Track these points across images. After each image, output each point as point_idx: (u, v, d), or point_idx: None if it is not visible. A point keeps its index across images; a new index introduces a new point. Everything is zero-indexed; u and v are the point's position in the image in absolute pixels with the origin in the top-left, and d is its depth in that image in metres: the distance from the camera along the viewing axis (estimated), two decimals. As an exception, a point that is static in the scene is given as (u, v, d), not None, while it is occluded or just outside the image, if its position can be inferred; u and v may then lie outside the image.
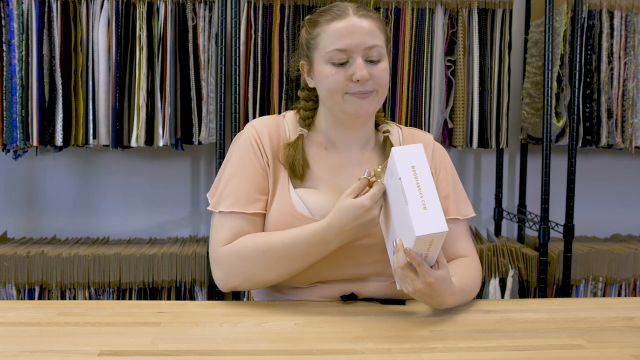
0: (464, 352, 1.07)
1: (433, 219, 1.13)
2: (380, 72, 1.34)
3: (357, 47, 1.32)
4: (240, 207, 1.35)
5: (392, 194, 1.21)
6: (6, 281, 2.36)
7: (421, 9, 2.51)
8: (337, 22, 1.33)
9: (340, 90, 1.33)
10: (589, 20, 2.57)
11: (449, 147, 2.62)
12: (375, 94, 1.35)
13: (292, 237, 1.29)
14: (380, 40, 1.35)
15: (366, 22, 1.33)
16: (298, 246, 1.28)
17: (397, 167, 1.18)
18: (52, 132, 2.36)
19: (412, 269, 1.17)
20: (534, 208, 2.88)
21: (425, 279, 1.16)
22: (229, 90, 2.38)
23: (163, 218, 2.79)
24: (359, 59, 1.32)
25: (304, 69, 1.43)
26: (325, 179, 1.40)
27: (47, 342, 1.08)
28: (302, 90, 1.47)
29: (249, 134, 1.40)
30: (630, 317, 1.28)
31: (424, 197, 1.15)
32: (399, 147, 1.21)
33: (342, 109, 1.36)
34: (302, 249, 1.28)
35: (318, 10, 1.40)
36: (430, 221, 1.13)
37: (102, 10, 2.38)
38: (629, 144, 2.61)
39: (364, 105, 1.34)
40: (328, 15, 1.35)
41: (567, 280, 2.51)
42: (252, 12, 2.44)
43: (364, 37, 1.32)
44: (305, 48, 1.40)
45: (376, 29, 1.35)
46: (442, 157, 1.48)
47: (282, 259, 1.29)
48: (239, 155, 1.39)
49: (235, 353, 1.05)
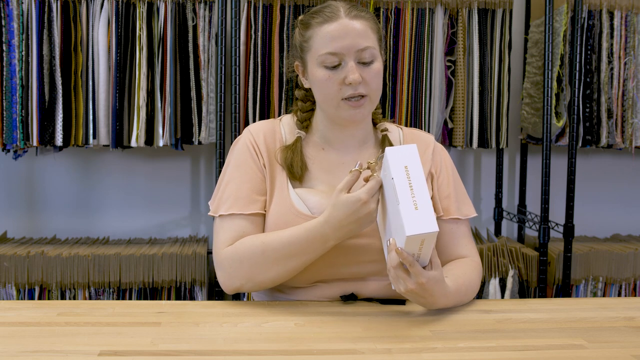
0: (464, 352, 1.07)
1: (424, 218, 1.13)
2: (372, 74, 1.34)
3: (349, 50, 1.32)
4: (239, 209, 1.35)
5: (387, 192, 1.22)
6: (6, 281, 2.36)
7: (421, 9, 2.51)
8: (328, 25, 1.33)
9: (335, 97, 1.34)
10: (589, 20, 2.57)
11: (449, 147, 2.62)
12: (368, 100, 1.36)
13: (289, 236, 1.29)
14: (373, 41, 1.35)
15: (358, 24, 1.33)
16: (296, 244, 1.28)
17: (390, 166, 1.18)
18: (52, 132, 2.36)
19: (404, 269, 1.17)
20: (534, 208, 2.88)
21: (417, 279, 1.16)
22: (229, 90, 2.38)
23: (163, 218, 2.79)
24: (351, 62, 1.32)
25: (298, 70, 1.44)
26: (323, 179, 1.41)
27: (47, 342, 1.08)
28: (299, 89, 1.47)
29: (245, 139, 1.42)
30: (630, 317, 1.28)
31: (415, 197, 1.15)
32: (393, 147, 1.21)
33: (337, 115, 1.37)
34: (300, 247, 1.28)
35: (310, 11, 1.39)
36: (421, 221, 1.13)
37: (102, 10, 2.38)
38: (629, 144, 2.61)
39: (357, 112, 1.36)
40: (319, 18, 1.35)
41: (567, 280, 2.51)
42: (252, 12, 2.44)
43: (355, 39, 1.32)
44: (298, 50, 1.40)
45: (368, 29, 1.34)
46: (443, 157, 1.48)
47: (281, 258, 1.29)
48: (236, 161, 1.41)
49: (235, 353, 1.05)
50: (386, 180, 1.22)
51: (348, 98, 1.34)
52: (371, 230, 1.33)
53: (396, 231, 1.17)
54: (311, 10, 1.39)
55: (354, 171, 1.26)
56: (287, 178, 1.39)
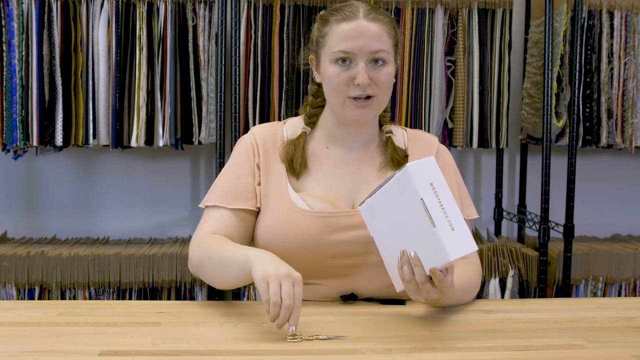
0: (464, 352, 1.07)
1: (462, 239, 1.10)
2: (382, 76, 1.35)
3: (361, 51, 1.33)
4: (225, 202, 1.39)
5: (409, 211, 1.14)
6: (6, 281, 2.36)
7: (421, 9, 2.51)
8: (345, 24, 1.35)
9: (342, 93, 1.35)
10: (589, 20, 2.57)
11: (449, 147, 2.62)
12: (375, 101, 1.36)
13: (225, 252, 1.28)
14: (387, 44, 1.35)
15: (374, 26, 1.34)
16: (223, 263, 1.28)
17: (417, 186, 1.11)
18: (52, 132, 2.36)
19: (431, 282, 1.16)
20: (534, 208, 2.88)
21: (441, 289, 1.16)
22: (229, 90, 2.38)
23: (163, 218, 2.79)
24: (362, 62, 1.33)
25: (312, 63, 1.45)
26: (325, 176, 1.42)
27: (47, 342, 1.08)
28: (312, 84, 1.49)
29: (245, 140, 1.46)
30: (630, 317, 1.28)
31: (449, 216, 1.11)
32: (413, 164, 1.13)
33: (342, 113, 1.38)
34: (225, 266, 1.27)
35: (332, 7, 1.41)
36: (460, 242, 1.10)
37: (102, 10, 2.38)
38: (629, 144, 2.61)
39: (363, 113, 1.36)
40: (339, 15, 1.36)
41: (567, 280, 2.51)
42: (252, 12, 2.44)
43: (369, 41, 1.33)
44: (314, 44, 1.43)
45: (384, 33, 1.35)
46: (447, 159, 1.49)
47: (214, 270, 1.31)
48: (233, 159, 1.46)
49: (235, 353, 1.05)
50: (404, 198, 1.14)
51: (355, 97, 1.35)
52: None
53: (427, 251, 1.13)
54: (333, 7, 1.41)
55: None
56: (286, 178, 1.40)
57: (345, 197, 1.40)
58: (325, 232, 1.34)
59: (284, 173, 1.41)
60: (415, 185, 1.12)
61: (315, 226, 1.34)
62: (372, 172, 1.43)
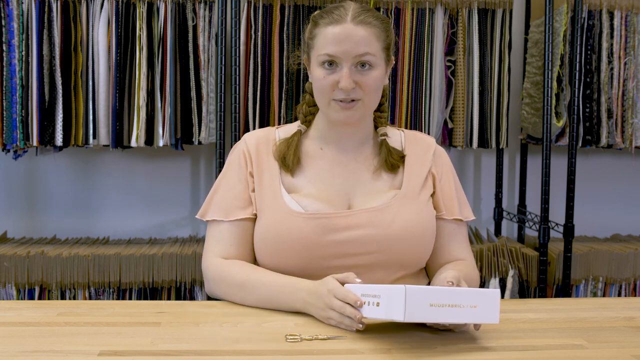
0: (464, 352, 1.07)
1: (489, 309, 1.10)
2: (368, 80, 1.35)
3: (346, 55, 1.33)
4: (223, 216, 1.41)
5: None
6: (6, 281, 2.36)
7: (421, 9, 2.51)
8: (332, 27, 1.35)
9: (327, 95, 1.37)
10: (589, 20, 2.57)
11: (449, 147, 2.62)
12: (361, 103, 1.37)
13: (269, 281, 1.31)
14: (374, 48, 1.35)
15: (361, 30, 1.34)
16: (268, 293, 1.30)
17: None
18: (52, 132, 2.36)
19: None
20: (534, 208, 2.88)
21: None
22: (229, 90, 2.38)
23: (163, 218, 2.79)
24: (346, 67, 1.34)
25: (307, 63, 1.47)
26: (319, 177, 1.42)
27: (47, 342, 1.08)
28: (309, 82, 1.49)
29: (238, 147, 1.48)
30: (630, 317, 1.28)
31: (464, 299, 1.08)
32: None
33: (328, 114, 1.40)
34: (271, 296, 1.30)
35: (324, 9, 1.41)
36: (487, 313, 1.10)
37: (102, 10, 2.38)
38: (629, 144, 2.61)
39: (348, 115, 1.37)
40: (327, 18, 1.37)
41: (567, 280, 2.51)
42: (252, 12, 2.44)
43: (354, 45, 1.33)
44: (306, 45, 1.44)
45: (372, 36, 1.35)
46: (444, 160, 1.50)
47: (254, 297, 1.32)
48: (226, 168, 1.48)
49: (235, 353, 1.05)
50: None
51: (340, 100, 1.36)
52: (365, 222, 1.34)
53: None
54: (324, 9, 1.41)
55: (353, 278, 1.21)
56: (279, 180, 1.41)
57: (340, 197, 1.40)
58: (320, 234, 1.34)
59: (278, 173, 1.41)
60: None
61: (310, 228, 1.34)
62: (366, 174, 1.43)
